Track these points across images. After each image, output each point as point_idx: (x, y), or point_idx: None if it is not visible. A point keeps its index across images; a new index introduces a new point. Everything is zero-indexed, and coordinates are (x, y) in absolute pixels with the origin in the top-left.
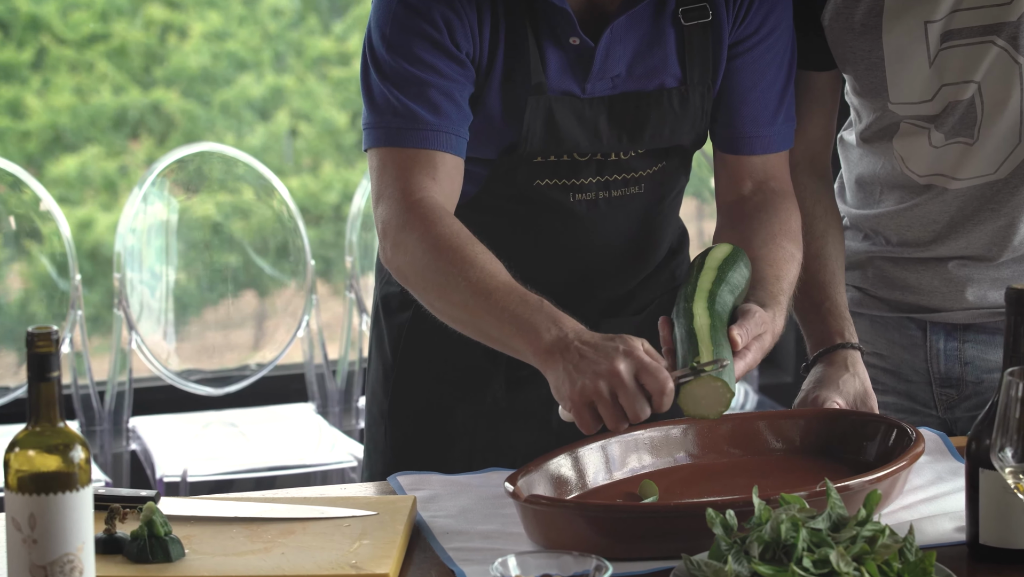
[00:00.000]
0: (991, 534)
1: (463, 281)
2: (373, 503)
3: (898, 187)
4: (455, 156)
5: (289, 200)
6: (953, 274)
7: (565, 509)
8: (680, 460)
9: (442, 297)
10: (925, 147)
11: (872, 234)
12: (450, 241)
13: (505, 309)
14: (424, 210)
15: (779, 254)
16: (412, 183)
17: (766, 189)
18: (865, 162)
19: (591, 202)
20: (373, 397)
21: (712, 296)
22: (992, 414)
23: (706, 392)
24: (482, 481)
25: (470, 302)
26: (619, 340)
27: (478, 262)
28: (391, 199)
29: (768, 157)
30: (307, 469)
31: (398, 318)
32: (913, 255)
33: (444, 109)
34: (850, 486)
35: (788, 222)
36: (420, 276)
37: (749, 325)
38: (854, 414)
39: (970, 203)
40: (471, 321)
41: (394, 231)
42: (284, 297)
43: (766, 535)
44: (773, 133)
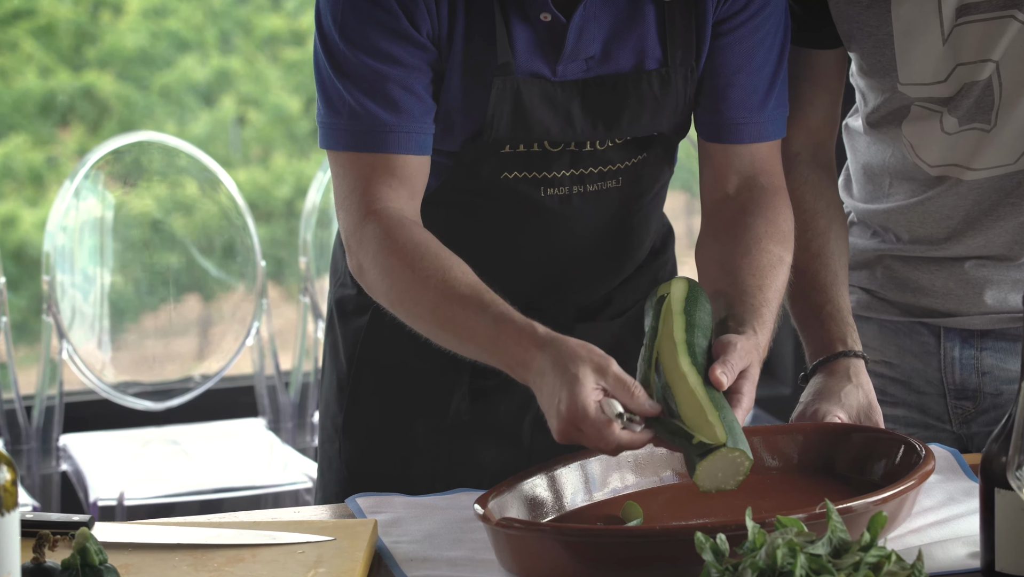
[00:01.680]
0: (1008, 560)
1: (426, 302)
2: (330, 528)
3: (909, 178)
4: (418, 156)
5: (236, 195)
6: (970, 275)
7: (541, 533)
8: (666, 479)
9: (407, 312)
10: (937, 133)
11: (881, 231)
12: (412, 250)
13: (474, 334)
14: (383, 220)
15: (763, 260)
16: (370, 192)
17: (753, 186)
18: (873, 150)
19: (564, 197)
20: (327, 410)
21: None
22: (1009, 429)
23: (723, 465)
24: (449, 503)
25: (436, 322)
26: (561, 382)
27: (441, 275)
28: (349, 210)
29: (757, 147)
30: (257, 491)
31: (354, 323)
32: (926, 254)
33: (404, 105)
34: (853, 508)
35: (776, 222)
36: (386, 292)
37: (732, 360)
38: (857, 429)
39: (988, 196)
40: (442, 337)
41: (356, 246)
42: (231, 302)
43: (760, 561)
44: (763, 120)
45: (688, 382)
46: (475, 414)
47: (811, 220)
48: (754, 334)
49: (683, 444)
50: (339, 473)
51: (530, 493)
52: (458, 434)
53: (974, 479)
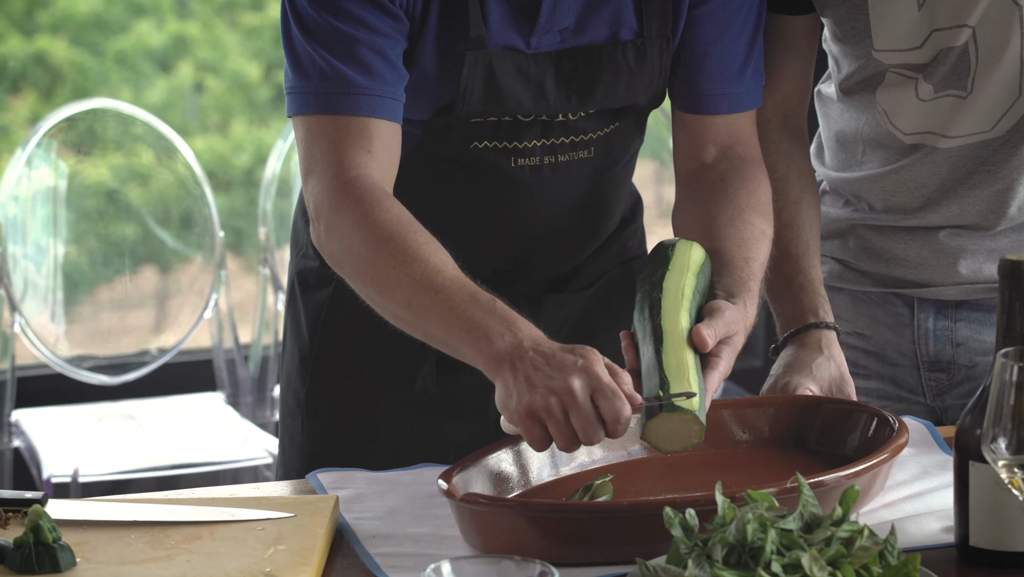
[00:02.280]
0: (982, 535)
1: (406, 276)
2: (290, 504)
3: (883, 146)
4: (391, 122)
5: (194, 163)
6: (944, 244)
7: (506, 509)
8: (635, 454)
9: (382, 293)
10: (912, 100)
11: (854, 200)
12: (390, 229)
13: (453, 310)
14: (360, 191)
15: (748, 232)
16: (346, 158)
17: (732, 156)
18: (846, 118)
19: (535, 167)
20: (288, 385)
21: (688, 309)
22: (983, 401)
23: (675, 427)
24: (413, 478)
25: (413, 301)
26: (578, 353)
27: (422, 254)
28: (323, 176)
29: (734, 117)
30: (216, 467)
31: (316, 295)
32: (900, 223)
33: (377, 69)
34: (825, 482)
35: (757, 193)
36: (357, 268)
37: (718, 324)
38: (829, 401)
39: (963, 164)
40: (415, 321)
41: (328, 213)
42: (189, 273)
43: (730, 537)
44: (740, 91)
45: (681, 337)
46: (442, 388)
47: (782, 189)
48: (743, 307)
49: (649, 387)
50: (301, 449)
51: (495, 468)
52: (424, 409)
53: (948, 452)
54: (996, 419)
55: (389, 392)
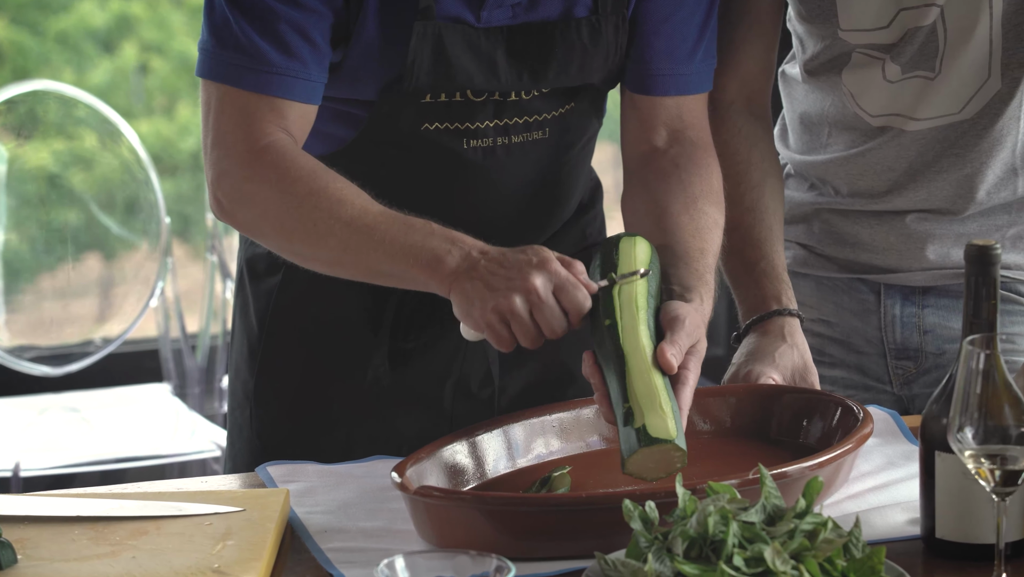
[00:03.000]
0: (949, 527)
1: (336, 223)
2: (239, 498)
3: (849, 128)
4: (305, 105)
5: (139, 147)
6: (911, 229)
7: (461, 502)
8: (593, 445)
9: (314, 244)
10: (879, 81)
11: (819, 183)
12: (309, 184)
13: (394, 241)
14: (274, 156)
15: (702, 221)
16: (256, 129)
17: (683, 140)
18: (811, 99)
19: (487, 149)
20: (237, 375)
21: (646, 321)
22: (950, 389)
23: (656, 457)
24: (365, 471)
25: (351, 242)
26: (530, 252)
27: (347, 198)
28: (232, 147)
29: (684, 100)
30: (162, 460)
31: (265, 283)
32: (866, 207)
33: (295, 49)
34: (788, 473)
35: (710, 180)
36: (280, 226)
37: (681, 339)
38: (792, 391)
39: (931, 147)
40: (355, 262)
41: (239, 182)
42: (134, 261)
43: (691, 530)
44: (691, 72)
45: (645, 357)
46: (394, 379)
47: (745, 172)
48: (701, 303)
49: (621, 420)
50: (250, 441)
51: (450, 460)
52: (376, 400)
53: (914, 442)
54: (962, 408)
55: (340, 382)
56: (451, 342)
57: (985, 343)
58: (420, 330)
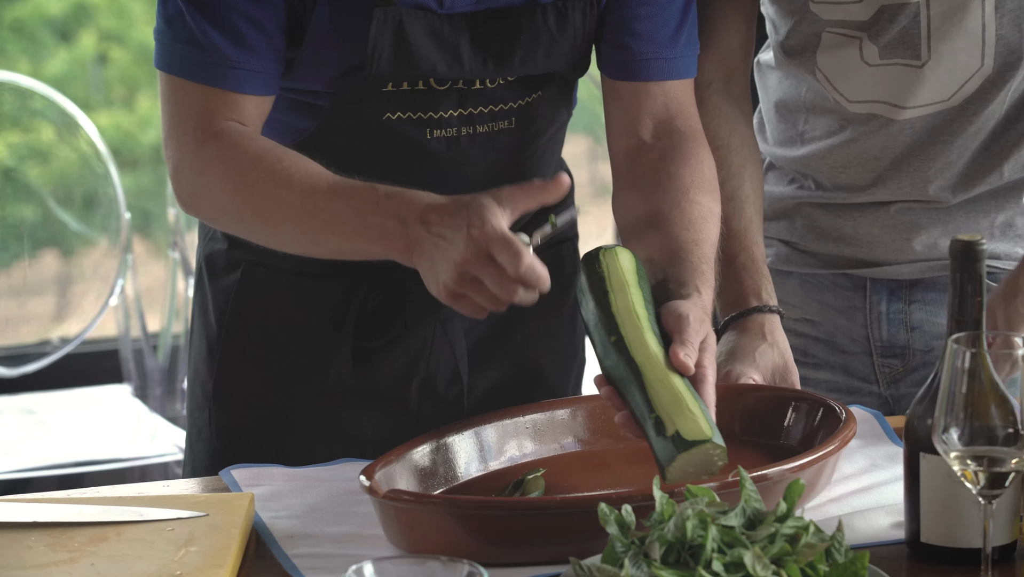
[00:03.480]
0: (934, 531)
1: (287, 209)
2: (202, 503)
3: (827, 114)
4: (259, 96)
5: (98, 140)
6: (897, 220)
7: (431, 506)
8: (568, 447)
9: (273, 232)
10: (856, 63)
11: (800, 177)
12: (257, 170)
13: (345, 222)
14: (221, 146)
15: (694, 212)
16: (208, 121)
17: (671, 131)
18: (786, 85)
19: (451, 140)
20: (196, 376)
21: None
22: (934, 389)
23: (697, 460)
24: (332, 474)
25: (305, 227)
26: (468, 212)
27: (292, 181)
28: (183, 139)
29: (669, 86)
30: (122, 464)
31: (224, 280)
32: (849, 200)
33: (249, 40)
34: (768, 475)
35: (701, 170)
36: (238, 217)
37: (690, 336)
38: (772, 390)
39: (920, 137)
40: (315, 247)
41: (193, 175)
42: (93, 258)
43: (669, 534)
44: (674, 56)
45: (660, 364)
46: (357, 379)
47: (725, 158)
48: (699, 296)
49: (652, 432)
50: (209, 444)
51: (420, 463)
52: (339, 400)
53: (898, 443)
54: (948, 408)
55: (302, 383)
56: (416, 340)
57: (971, 341)
58: (384, 328)
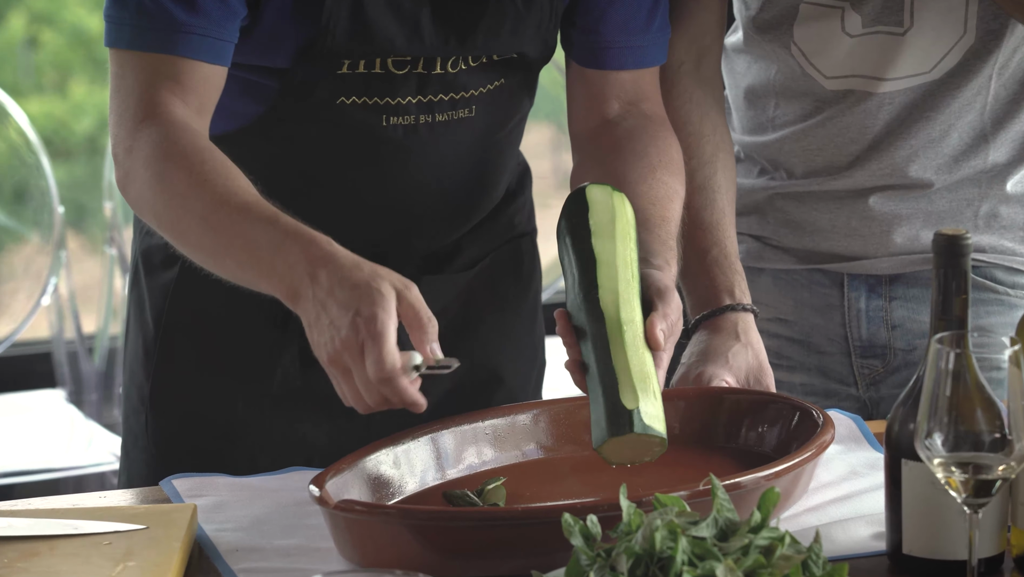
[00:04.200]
0: (917, 542)
1: (193, 219)
2: (141, 515)
3: (799, 96)
4: (212, 65)
5: (28, 129)
6: (875, 211)
7: (386, 517)
8: (530, 454)
9: (179, 238)
10: (837, 36)
11: (770, 167)
12: (178, 166)
13: (242, 250)
14: (154, 130)
15: (661, 191)
16: (149, 98)
17: (637, 113)
18: (755, 69)
19: (409, 127)
20: (132, 379)
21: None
22: (917, 392)
23: (637, 445)
24: (281, 484)
25: (204, 243)
26: (360, 295)
27: (203, 191)
28: (123, 115)
29: (640, 73)
30: (56, 474)
31: (162, 277)
32: (824, 187)
33: (202, 5)
34: (741, 483)
35: (669, 152)
36: (153, 212)
37: (672, 313)
38: (747, 394)
39: (900, 112)
40: (213, 263)
41: (123, 156)
42: (23, 255)
43: (637, 546)
44: (647, 43)
45: (640, 332)
46: (305, 382)
47: (696, 145)
48: (669, 268)
49: (607, 396)
50: (146, 451)
51: (374, 471)
52: (285, 405)
53: (879, 449)
54: (931, 412)
55: (245, 386)
56: None
57: (955, 341)
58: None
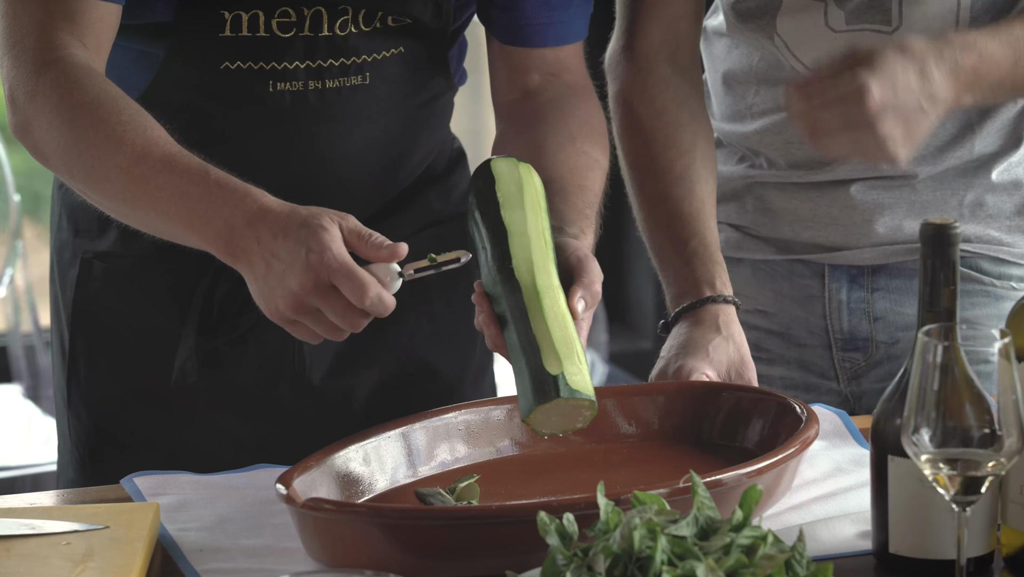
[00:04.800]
0: (903, 540)
1: (112, 168)
2: (102, 514)
3: (781, 86)
4: (106, 4)
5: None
6: (857, 200)
7: (355, 516)
8: (504, 450)
9: (95, 187)
10: (820, 30)
11: (750, 155)
12: (93, 113)
13: (170, 199)
14: (58, 74)
15: (581, 160)
16: (46, 38)
17: (557, 84)
18: (736, 55)
19: (297, 93)
20: (56, 382)
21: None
22: (904, 386)
23: (565, 412)
24: (246, 482)
25: (128, 193)
26: (305, 233)
27: (127, 138)
28: (22, 57)
29: (562, 48)
30: (13, 472)
31: (70, 274)
32: (805, 178)
33: None
34: (723, 481)
35: (590, 121)
36: (62, 159)
37: (594, 282)
38: (728, 388)
39: None
40: (135, 216)
41: (23, 100)
42: None
43: (615, 545)
44: (569, 18)
45: (559, 299)
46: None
47: (673, 135)
48: (585, 237)
49: (530, 363)
50: (71, 454)
51: (343, 469)
52: (195, 403)
53: (865, 445)
54: (918, 407)
55: (151, 384)
56: (275, 336)
57: (943, 334)
58: (233, 322)
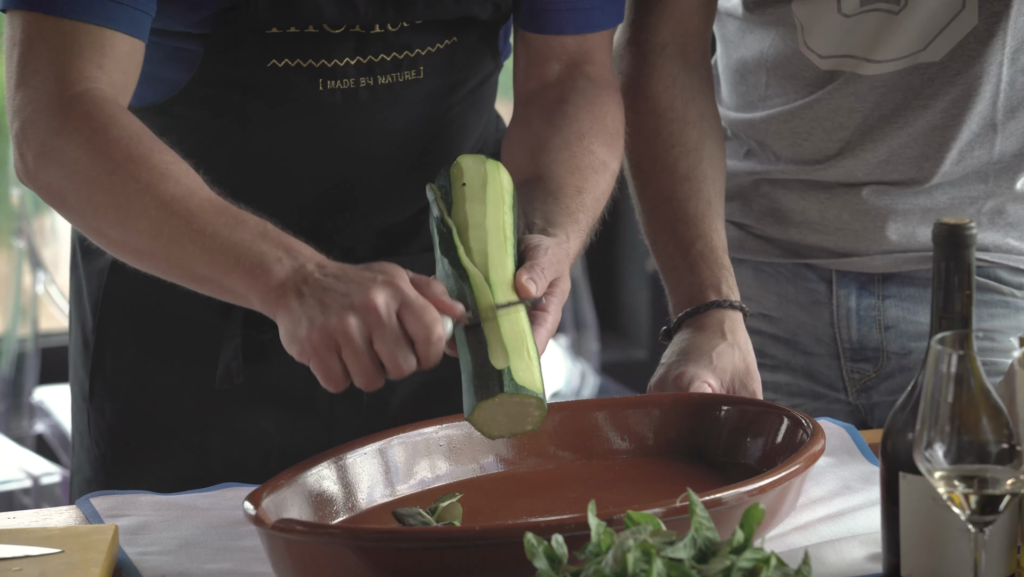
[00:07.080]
0: (915, 563)
1: (152, 200)
2: (56, 537)
3: (792, 76)
4: (132, 38)
5: None
6: (869, 204)
7: (329, 538)
8: (489, 467)
9: (123, 223)
10: (832, 16)
11: (757, 148)
12: (129, 147)
13: (216, 235)
14: (89, 106)
15: (585, 160)
16: (72, 69)
17: (577, 75)
18: (749, 40)
19: (348, 92)
20: (74, 374)
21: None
22: (916, 398)
23: (512, 411)
24: (212, 502)
25: (164, 228)
26: (376, 269)
27: (171, 174)
28: (40, 90)
29: (586, 37)
30: None
31: (98, 263)
32: (813, 176)
33: None
34: (722, 499)
35: (603, 120)
36: (86, 196)
37: (543, 265)
38: (729, 400)
39: (891, 96)
40: (167, 254)
41: (45, 135)
42: None
43: (607, 568)
44: (593, 6)
45: (513, 294)
46: (251, 376)
47: (680, 132)
48: (566, 240)
49: (476, 357)
50: (90, 452)
51: (315, 487)
52: (233, 401)
53: (874, 462)
54: (932, 421)
55: (187, 379)
56: None
57: (958, 342)
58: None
